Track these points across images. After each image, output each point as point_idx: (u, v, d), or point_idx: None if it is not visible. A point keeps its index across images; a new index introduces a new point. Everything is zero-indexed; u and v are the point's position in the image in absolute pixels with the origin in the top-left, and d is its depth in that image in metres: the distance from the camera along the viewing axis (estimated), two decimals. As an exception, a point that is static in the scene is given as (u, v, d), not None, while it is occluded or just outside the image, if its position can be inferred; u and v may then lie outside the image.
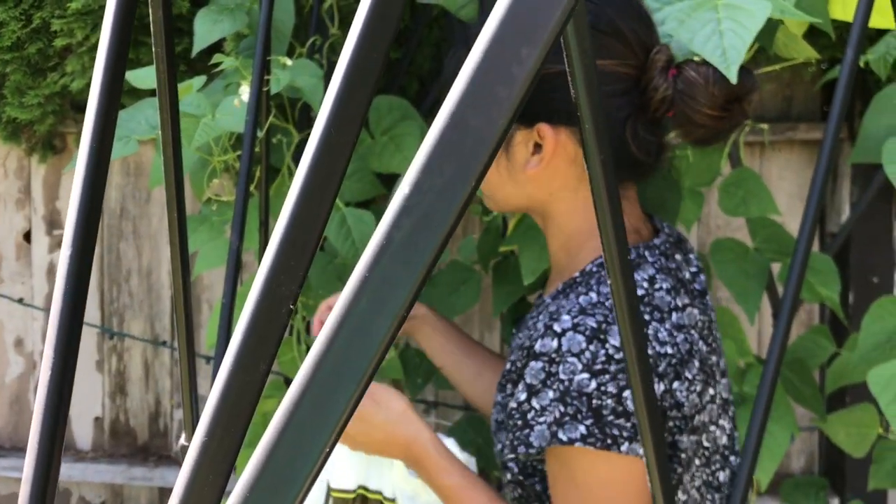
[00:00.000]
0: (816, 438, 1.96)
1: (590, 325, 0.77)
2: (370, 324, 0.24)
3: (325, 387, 0.25)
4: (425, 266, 0.24)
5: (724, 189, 1.08)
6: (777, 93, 2.03)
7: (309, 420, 0.25)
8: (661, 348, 0.78)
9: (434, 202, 0.24)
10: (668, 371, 0.78)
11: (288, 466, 0.25)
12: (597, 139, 0.48)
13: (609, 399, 0.76)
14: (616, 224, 0.51)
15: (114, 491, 2.07)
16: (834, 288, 1.08)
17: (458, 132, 0.23)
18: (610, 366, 0.76)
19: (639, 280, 0.82)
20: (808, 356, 1.32)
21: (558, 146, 0.83)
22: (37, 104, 1.61)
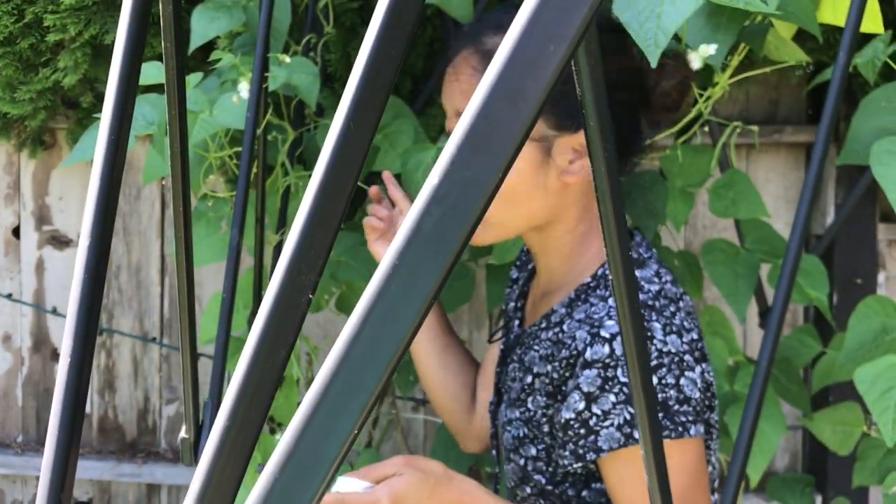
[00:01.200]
0: (800, 437, 1.99)
1: None
2: (399, 309, 0.25)
3: (355, 370, 0.26)
4: (453, 253, 0.25)
5: (715, 191, 1.10)
6: (763, 96, 2.06)
7: (339, 402, 0.26)
8: (688, 335, 0.83)
9: (462, 192, 0.25)
10: (698, 356, 0.84)
11: (317, 448, 0.26)
12: (601, 138, 0.49)
13: (671, 390, 0.80)
14: (619, 222, 0.52)
15: (101, 487, 2.07)
16: (822, 289, 1.10)
17: (486, 125, 0.24)
18: (664, 359, 0.80)
19: (650, 276, 0.86)
20: (795, 355, 1.34)
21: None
22: (28, 99, 1.61)
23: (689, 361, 0.83)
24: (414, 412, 1.81)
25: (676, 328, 0.83)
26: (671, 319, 0.83)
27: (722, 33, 0.90)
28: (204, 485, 0.32)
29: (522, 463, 0.89)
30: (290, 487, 0.26)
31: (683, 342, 0.83)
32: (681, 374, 0.81)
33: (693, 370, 0.83)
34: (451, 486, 0.83)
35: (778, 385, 1.27)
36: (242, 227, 0.76)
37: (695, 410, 0.82)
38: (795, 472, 1.65)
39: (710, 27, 0.84)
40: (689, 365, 0.83)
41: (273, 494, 0.26)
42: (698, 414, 0.83)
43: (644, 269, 0.87)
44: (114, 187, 0.41)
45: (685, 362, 0.82)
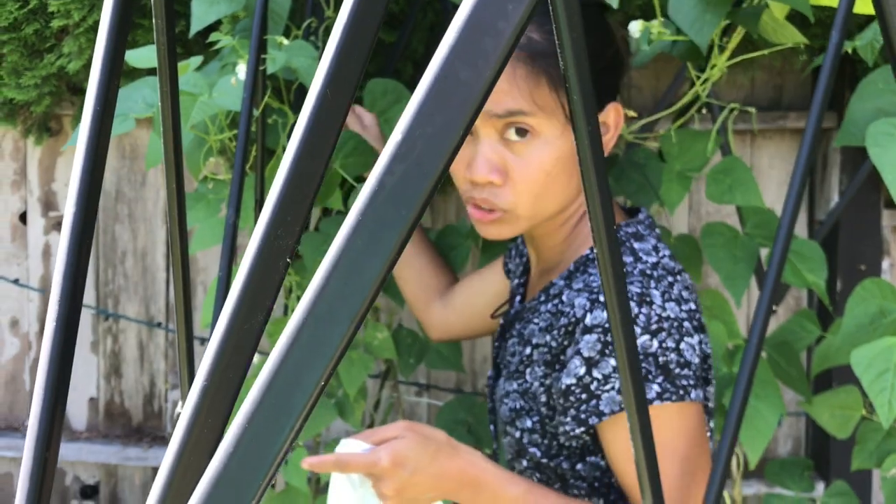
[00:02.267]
0: (803, 423, 1.99)
1: (634, 290, 0.82)
2: (364, 265, 0.26)
3: (321, 325, 0.27)
4: (416, 210, 0.26)
5: (713, 176, 1.10)
6: (768, 81, 2.05)
7: (306, 356, 0.27)
8: (686, 304, 0.85)
9: (425, 149, 0.25)
10: (696, 325, 0.85)
11: (285, 400, 0.27)
12: (585, 112, 0.49)
13: (672, 353, 0.81)
14: (603, 197, 0.53)
15: (108, 471, 2.09)
16: (820, 274, 1.10)
17: (447, 83, 0.25)
18: (664, 323, 0.82)
19: (648, 248, 0.88)
20: (795, 339, 1.34)
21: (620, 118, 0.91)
22: (33, 85, 1.62)
23: (689, 328, 0.84)
24: (416, 396, 1.82)
25: (675, 296, 0.84)
26: (669, 289, 0.85)
27: (710, 13, 0.90)
28: (182, 443, 0.32)
29: (518, 436, 0.90)
30: (258, 439, 0.27)
31: (682, 310, 0.84)
32: (680, 338, 0.82)
33: (692, 336, 0.84)
34: (454, 454, 0.81)
35: (778, 369, 1.27)
36: (238, 208, 0.77)
37: (695, 375, 0.83)
38: (797, 457, 1.65)
39: (699, 6, 0.84)
40: (689, 331, 0.84)
41: (241, 446, 0.27)
42: (698, 379, 0.84)
43: (643, 242, 0.88)
44: (96, 174, 0.42)
45: (684, 328, 0.83)
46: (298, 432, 0.27)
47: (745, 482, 1.77)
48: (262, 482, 0.26)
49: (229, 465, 0.26)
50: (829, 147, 2.02)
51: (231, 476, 0.26)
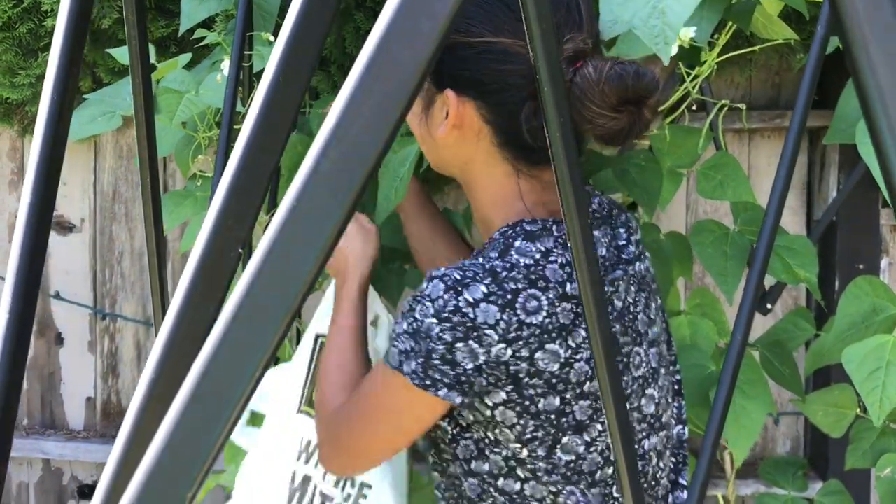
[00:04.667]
0: (802, 423, 1.98)
1: (454, 276, 0.81)
2: (299, 253, 0.26)
3: (256, 316, 0.26)
4: (354, 193, 0.25)
5: (703, 172, 1.10)
6: (766, 80, 2.05)
7: (242, 346, 0.26)
8: (528, 318, 0.81)
9: (361, 132, 0.25)
10: (531, 340, 0.81)
11: (222, 390, 0.27)
12: (555, 102, 0.49)
13: (441, 346, 0.80)
14: (577, 192, 0.52)
15: (105, 471, 2.09)
16: (812, 270, 1.09)
17: (384, 63, 0.24)
18: (455, 317, 0.80)
19: (532, 251, 0.84)
20: (788, 338, 1.33)
21: (463, 117, 0.86)
22: (28, 84, 1.62)
23: (488, 338, 0.80)
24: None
25: (501, 304, 0.80)
26: (503, 295, 0.80)
27: (707, 10, 0.90)
28: (130, 433, 0.32)
29: None
30: (195, 430, 0.26)
31: (499, 318, 0.80)
32: (464, 338, 0.79)
33: (481, 346, 0.80)
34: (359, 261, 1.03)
35: (770, 368, 1.27)
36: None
37: (458, 379, 0.81)
38: (791, 456, 1.64)
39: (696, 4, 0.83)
40: (482, 339, 0.80)
41: (177, 437, 0.26)
42: (457, 382, 0.81)
43: (531, 243, 0.84)
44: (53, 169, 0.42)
45: (478, 334, 0.80)
46: (235, 422, 0.26)
47: (742, 481, 1.76)
48: (199, 471, 0.26)
49: (164, 457, 0.26)
50: (827, 147, 2.01)
51: (166, 467, 0.26)
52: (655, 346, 0.93)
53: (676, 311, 1.22)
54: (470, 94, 0.85)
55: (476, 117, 0.86)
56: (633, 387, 0.90)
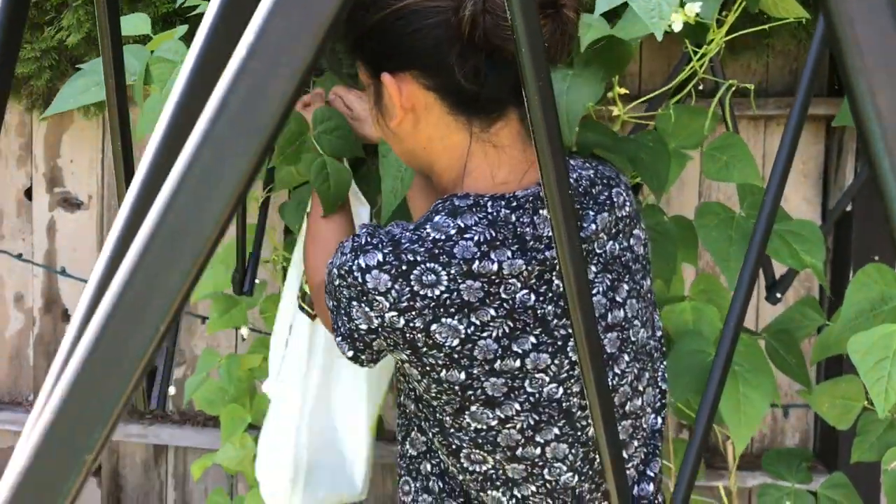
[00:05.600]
0: (811, 416, 1.95)
1: (359, 240, 0.84)
2: (208, 193, 0.24)
3: (160, 266, 0.24)
4: (266, 133, 0.23)
5: (709, 153, 1.06)
6: (784, 66, 2.00)
7: (144, 297, 0.24)
8: (423, 290, 0.81)
9: (271, 65, 0.23)
10: (425, 312, 0.81)
11: (122, 342, 0.25)
12: (533, 62, 0.46)
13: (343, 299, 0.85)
14: (557, 160, 0.50)
15: (110, 448, 2.09)
16: (818, 255, 1.06)
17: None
18: (347, 278, 0.84)
19: (449, 226, 0.83)
20: (796, 327, 1.30)
21: (408, 95, 0.86)
22: (33, 58, 1.61)
23: (379, 303, 0.82)
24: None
25: (396, 273, 0.82)
26: (400, 265, 0.82)
27: (714, -15, 0.87)
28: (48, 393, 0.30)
29: None
30: (96, 381, 0.25)
31: (390, 287, 0.82)
32: (356, 300, 0.83)
33: (373, 309, 0.83)
34: None
35: (776, 357, 1.24)
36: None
37: (349, 330, 0.86)
38: (796, 447, 1.61)
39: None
40: (372, 303, 0.82)
41: (71, 399, 0.24)
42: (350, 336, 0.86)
43: (452, 218, 0.84)
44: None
45: (368, 298, 0.83)
46: (138, 382, 0.24)
47: (749, 473, 1.73)
48: (100, 433, 0.24)
49: (63, 417, 0.24)
50: (845, 136, 1.97)
51: (65, 428, 0.24)
52: (616, 332, 0.90)
53: (680, 296, 1.20)
54: (403, 68, 0.85)
55: (418, 89, 0.86)
56: (573, 371, 0.87)
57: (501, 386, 0.85)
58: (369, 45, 0.86)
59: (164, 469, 2.10)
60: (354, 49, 0.89)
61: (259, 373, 1.43)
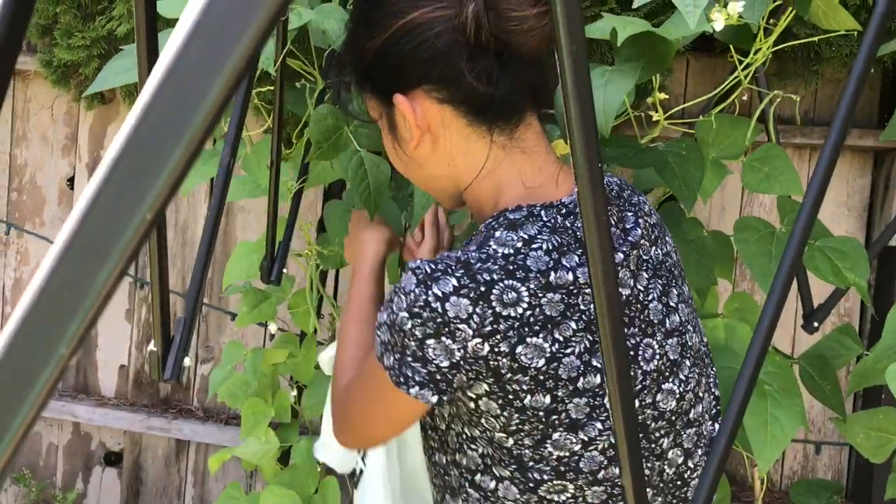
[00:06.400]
0: (846, 455, 1.89)
1: (426, 269, 0.78)
2: (175, 131, 0.23)
3: (110, 218, 0.23)
4: (226, 86, 0.22)
5: (749, 164, 1.04)
6: (832, 96, 1.97)
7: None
8: (505, 310, 0.75)
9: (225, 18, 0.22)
10: (510, 334, 0.76)
11: (83, 269, 0.24)
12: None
13: (413, 342, 0.77)
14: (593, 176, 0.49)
15: (132, 439, 2.10)
16: (862, 273, 1.02)
17: None
18: (424, 311, 0.76)
19: (514, 240, 0.79)
20: (833, 355, 1.26)
21: (423, 113, 0.83)
22: (83, 46, 1.64)
23: (462, 332, 0.75)
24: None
25: (474, 297, 0.75)
26: (477, 286, 0.76)
27: (763, -10, 0.85)
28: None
29: None
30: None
31: (472, 312, 0.75)
32: (435, 335, 0.75)
33: (455, 340, 0.75)
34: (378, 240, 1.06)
35: (810, 382, 1.20)
36: (235, 148, 0.75)
37: (431, 376, 0.77)
38: (825, 479, 1.56)
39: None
40: (454, 334, 0.75)
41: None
42: (430, 380, 0.77)
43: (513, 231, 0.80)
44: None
45: (450, 330, 0.75)
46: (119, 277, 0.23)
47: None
48: (77, 326, 0.23)
49: (38, 308, 0.23)
50: (893, 168, 1.93)
51: (39, 319, 0.23)
52: (676, 337, 0.87)
53: (714, 313, 1.17)
54: (414, 85, 0.83)
55: (432, 105, 0.83)
56: (645, 381, 0.84)
57: (584, 406, 0.80)
58: (377, 72, 0.84)
59: (184, 465, 2.10)
60: (363, 81, 0.87)
61: (283, 368, 1.43)
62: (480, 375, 0.78)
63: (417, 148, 0.86)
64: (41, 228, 2.10)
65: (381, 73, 0.84)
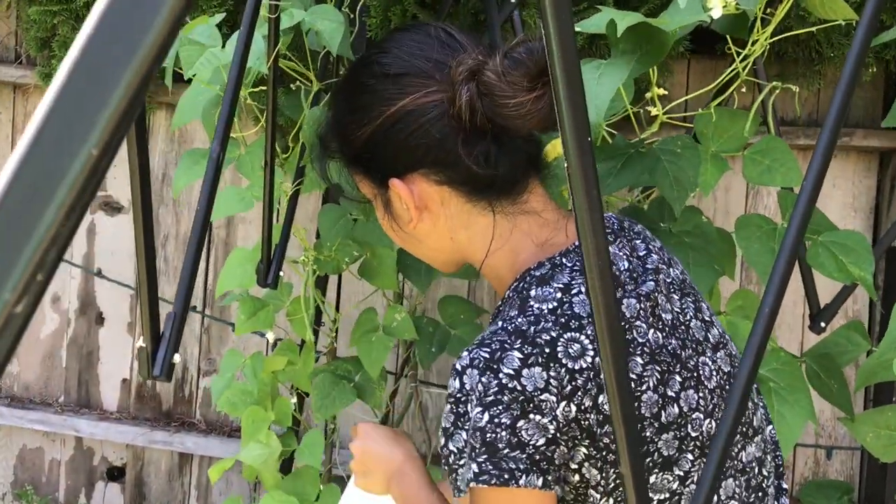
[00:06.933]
0: (857, 460, 1.86)
1: (483, 356, 0.74)
2: (118, 66, 0.22)
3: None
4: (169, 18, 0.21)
5: (750, 157, 1.02)
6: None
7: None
8: (576, 364, 0.73)
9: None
10: (589, 387, 0.73)
11: (55, 158, 0.23)
12: (572, 113, 0.44)
13: (504, 431, 0.72)
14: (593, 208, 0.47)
15: (135, 454, 2.08)
16: (867, 267, 1.01)
17: None
18: (503, 396, 0.72)
19: (551, 292, 0.77)
20: (840, 352, 1.24)
21: (420, 195, 0.82)
22: (81, 57, 1.64)
23: (547, 402, 0.72)
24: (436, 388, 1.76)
25: (546, 358, 0.73)
26: (542, 349, 0.73)
27: (759, -21, 0.84)
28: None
29: None
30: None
31: (549, 378, 0.72)
32: (522, 415, 0.72)
33: (544, 413, 0.72)
34: (400, 480, 0.95)
35: (816, 381, 1.18)
36: (225, 143, 0.74)
37: (531, 458, 0.72)
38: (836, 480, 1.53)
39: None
40: (543, 407, 0.72)
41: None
42: (532, 463, 0.72)
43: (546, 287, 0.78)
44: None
45: (536, 402, 0.72)
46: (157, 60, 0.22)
47: None
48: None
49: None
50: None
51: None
52: (722, 349, 0.85)
53: (716, 311, 1.15)
54: (410, 170, 0.81)
55: (430, 186, 0.81)
56: (714, 400, 0.81)
57: (672, 440, 0.77)
58: (368, 157, 0.83)
59: (187, 479, 2.08)
60: (353, 165, 0.85)
61: (283, 375, 1.41)
62: (576, 440, 0.74)
63: (417, 227, 0.84)
64: (42, 242, 2.09)
65: (372, 159, 0.83)
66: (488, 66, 0.75)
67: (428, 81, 0.80)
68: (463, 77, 0.76)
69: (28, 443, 2.14)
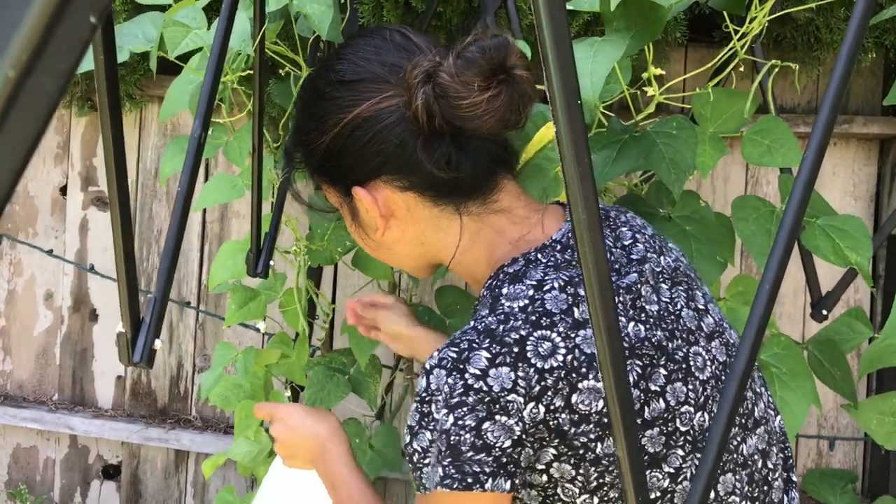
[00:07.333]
0: (860, 451, 1.84)
1: (450, 355, 0.72)
2: None
3: None
4: None
5: (749, 137, 1.00)
6: (835, 82, 1.93)
7: None
8: (546, 362, 0.71)
9: None
10: (560, 386, 0.71)
11: None
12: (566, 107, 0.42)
13: (467, 434, 0.70)
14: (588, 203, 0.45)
15: (130, 452, 2.06)
16: (864, 253, 0.99)
17: None
18: (467, 397, 0.70)
19: (523, 290, 0.75)
20: (842, 340, 1.22)
21: (385, 201, 0.81)
22: (70, 49, 1.62)
23: (514, 403, 0.70)
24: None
25: (514, 357, 0.71)
26: (511, 348, 0.71)
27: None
28: None
29: None
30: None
31: (517, 378, 0.70)
32: (488, 417, 0.70)
33: (511, 414, 0.70)
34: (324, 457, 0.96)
35: (819, 368, 1.16)
36: (206, 123, 0.72)
37: (497, 461, 0.70)
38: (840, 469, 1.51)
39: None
40: (510, 408, 0.70)
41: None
42: (499, 466, 0.70)
43: (518, 284, 0.76)
44: None
45: (502, 403, 0.70)
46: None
47: None
48: None
49: None
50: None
51: None
52: (717, 338, 0.83)
53: (716, 297, 1.13)
54: (371, 176, 0.80)
55: (394, 193, 0.80)
56: (706, 392, 0.79)
57: (658, 436, 0.75)
58: (330, 165, 0.82)
59: (183, 476, 2.06)
60: (317, 174, 0.84)
61: (276, 369, 1.39)
62: (544, 441, 0.72)
63: (385, 234, 0.83)
64: (34, 238, 2.07)
65: (334, 168, 0.82)
66: (442, 68, 0.74)
67: (384, 86, 0.78)
68: (418, 80, 0.75)
69: (22, 441, 2.12)
